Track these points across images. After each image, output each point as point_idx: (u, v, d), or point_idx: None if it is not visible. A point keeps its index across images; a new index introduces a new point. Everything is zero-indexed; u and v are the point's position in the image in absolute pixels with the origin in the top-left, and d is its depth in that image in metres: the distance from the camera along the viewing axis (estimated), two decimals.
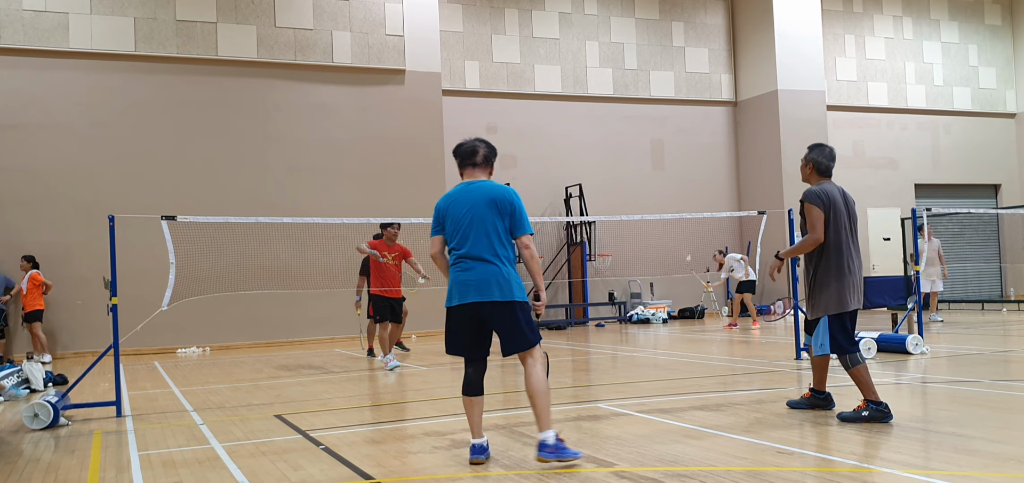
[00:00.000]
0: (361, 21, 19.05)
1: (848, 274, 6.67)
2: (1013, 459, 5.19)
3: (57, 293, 16.21)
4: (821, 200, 6.72)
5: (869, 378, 6.51)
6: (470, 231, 5.45)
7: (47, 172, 16.77)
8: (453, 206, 5.56)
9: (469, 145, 5.71)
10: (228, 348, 17.34)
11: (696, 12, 23.76)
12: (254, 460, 6.03)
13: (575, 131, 22.23)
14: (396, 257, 12.26)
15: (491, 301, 5.38)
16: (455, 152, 5.75)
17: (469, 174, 5.69)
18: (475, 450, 5.55)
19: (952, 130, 26.22)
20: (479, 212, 5.46)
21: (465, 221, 5.48)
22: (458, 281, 5.46)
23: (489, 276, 5.39)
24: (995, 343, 13.06)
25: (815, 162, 7.04)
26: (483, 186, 5.55)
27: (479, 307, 5.41)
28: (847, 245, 6.73)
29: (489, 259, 5.41)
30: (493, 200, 5.47)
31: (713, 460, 5.44)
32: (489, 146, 5.75)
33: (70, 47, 16.98)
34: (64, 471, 6.04)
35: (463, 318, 5.48)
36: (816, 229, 6.64)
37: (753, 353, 12.77)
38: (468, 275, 5.43)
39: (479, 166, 5.68)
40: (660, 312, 21.03)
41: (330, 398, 9.30)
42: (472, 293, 5.40)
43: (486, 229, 5.44)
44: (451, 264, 5.58)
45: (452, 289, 5.50)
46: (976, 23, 26.71)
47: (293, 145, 18.48)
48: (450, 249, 5.60)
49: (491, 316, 5.42)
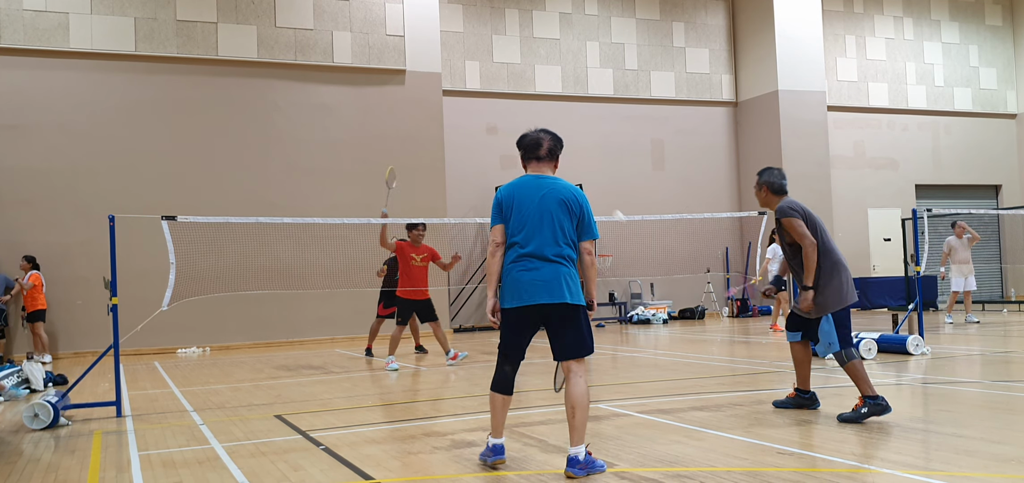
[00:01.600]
0: (361, 21, 19.05)
1: (842, 270, 6.86)
2: (1013, 459, 5.19)
3: (57, 293, 16.21)
4: (795, 210, 6.97)
5: (865, 372, 6.58)
6: (538, 228, 5.18)
7: (47, 172, 16.77)
8: (520, 198, 5.26)
9: (533, 137, 5.42)
10: (228, 348, 17.34)
11: (696, 12, 23.76)
12: (254, 460, 6.03)
13: (575, 131, 22.17)
14: (424, 258, 12.15)
15: (562, 303, 5.13)
16: (519, 143, 5.50)
17: (534, 167, 5.41)
18: (497, 450, 5.35)
19: (953, 131, 26.21)
20: (549, 209, 5.20)
21: (534, 217, 5.20)
22: (522, 280, 5.17)
23: (559, 276, 5.15)
24: (995, 343, 13.06)
25: (768, 184, 7.24)
26: (554, 182, 5.30)
27: (546, 308, 5.16)
28: (831, 247, 6.94)
29: (559, 260, 5.17)
30: (564, 200, 5.24)
31: (713, 460, 5.44)
32: (555, 137, 5.46)
33: (70, 47, 16.98)
34: (64, 471, 6.04)
35: (524, 318, 5.23)
36: (807, 236, 6.81)
37: (754, 354, 12.77)
38: (535, 275, 5.15)
39: (544, 160, 5.41)
40: (660, 313, 21.03)
41: (330, 398, 9.29)
42: (542, 294, 5.13)
43: (555, 228, 5.18)
44: (511, 261, 5.25)
45: (514, 289, 5.19)
46: (977, 24, 26.70)
47: (293, 145, 18.47)
48: (511, 244, 5.28)
49: (556, 318, 5.18)
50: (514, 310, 5.24)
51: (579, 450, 5.05)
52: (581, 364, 5.21)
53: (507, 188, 5.39)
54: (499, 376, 5.36)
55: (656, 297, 22.57)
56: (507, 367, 5.35)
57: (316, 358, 14.46)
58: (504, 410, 5.36)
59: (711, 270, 22.56)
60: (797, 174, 22.82)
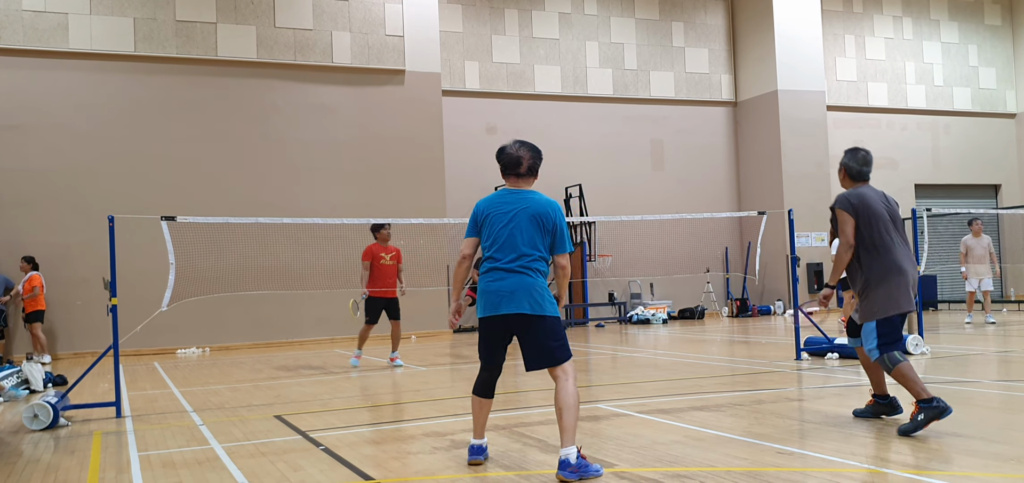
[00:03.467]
0: (361, 21, 19.05)
1: (897, 275, 6.34)
2: (1013, 459, 5.19)
3: (57, 293, 16.20)
4: (850, 205, 6.42)
5: (914, 375, 6.07)
6: (508, 241, 5.32)
7: (47, 172, 16.76)
8: (493, 213, 5.41)
9: (513, 154, 5.47)
10: (228, 348, 17.33)
11: (696, 12, 23.77)
12: (254, 461, 6.02)
13: (575, 131, 22.22)
14: (392, 257, 12.35)
15: (521, 314, 5.26)
16: (498, 157, 5.54)
17: (512, 182, 5.50)
18: (475, 450, 5.55)
19: (952, 130, 26.22)
20: (521, 224, 5.33)
21: (504, 231, 5.33)
22: (489, 291, 5.33)
23: (520, 287, 5.25)
24: (995, 343, 13.06)
25: (846, 167, 6.76)
26: (528, 197, 5.40)
27: (509, 319, 5.29)
28: (892, 246, 6.40)
29: (521, 270, 5.28)
30: (537, 214, 5.34)
31: (713, 461, 5.44)
32: (534, 154, 5.51)
33: (70, 47, 16.98)
34: (64, 472, 6.04)
35: (494, 329, 5.39)
36: (845, 234, 6.37)
37: (753, 354, 12.77)
38: (499, 285, 5.29)
39: (523, 176, 5.49)
40: (660, 313, 21.03)
41: (330, 399, 9.29)
42: (504, 305, 5.27)
43: (524, 242, 5.31)
44: (483, 272, 5.41)
45: (483, 299, 5.35)
46: (976, 23, 26.71)
47: (293, 145, 18.47)
48: (486, 257, 5.44)
49: (520, 329, 5.32)
50: (484, 319, 5.39)
51: (570, 452, 5.04)
52: (562, 370, 5.24)
53: (484, 202, 5.51)
54: (480, 381, 5.54)
55: (656, 297, 22.57)
56: (485, 373, 5.51)
57: (315, 358, 14.46)
58: (484, 412, 5.53)
59: (711, 270, 22.57)
60: (796, 174, 22.86)
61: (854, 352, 10.64)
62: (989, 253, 16.85)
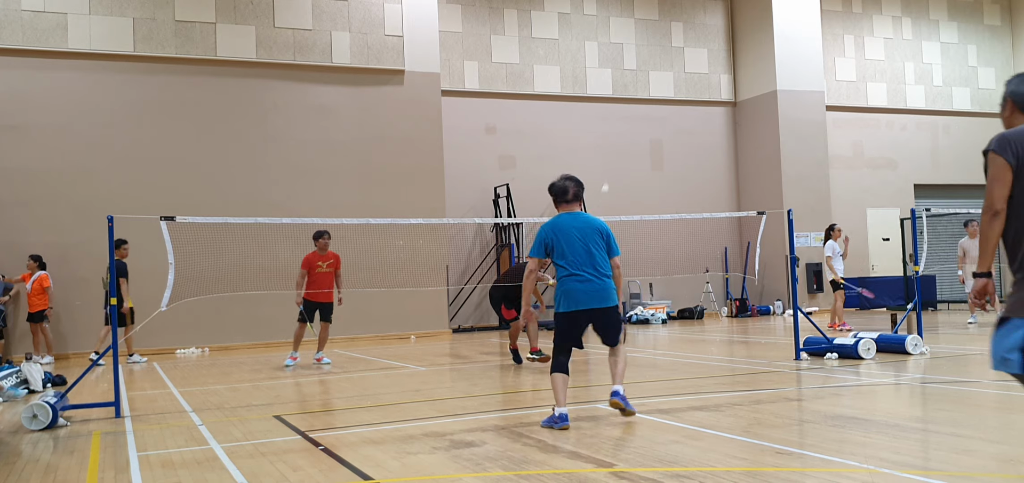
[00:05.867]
0: (360, 21, 19.04)
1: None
2: (1013, 459, 5.19)
3: (56, 293, 16.16)
4: (1010, 146, 4.26)
5: None
6: (585, 253, 6.81)
7: (46, 172, 16.75)
8: (564, 233, 6.86)
9: (561, 185, 7.03)
10: (227, 349, 17.32)
11: (695, 12, 23.77)
12: (253, 461, 6.02)
13: (574, 131, 22.22)
14: (329, 265, 12.96)
15: (607, 307, 6.81)
16: (550, 190, 7.11)
17: (565, 208, 7.03)
18: (563, 418, 6.67)
19: (951, 130, 26.22)
20: (591, 237, 6.86)
21: (580, 245, 6.82)
22: (576, 291, 6.77)
23: (606, 288, 6.84)
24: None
25: (1013, 95, 4.54)
26: (588, 217, 6.99)
27: (595, 311, 6.81)
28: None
29: (602, 275, 6.83)
30: (598, 229, 6.93)
31: (712, 460, 5.44)
32: (578, 184, 7.08)
33: (69, 47, 16.96)
34: (63, 471, 6.04)
35: (579, 320, 6.82)
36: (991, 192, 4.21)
37: (753, 354, 12.77)
38: (586, 287, 6.77)
39: (572, 202, 7.04)
40: (659, 312, 21.03)
41: (329, 399, 9.29)
42: (594, 301, 6.77)
43: (597, 252, 6.84)
44: (565, 276, 6.81)
45: (570, 296, 6.78)
46: (975, 23, 26.72)
47: (292, 145, 18.46)
48: (561, 265, 6.84)
49: (602, 317, 6.87)
50: (569, 313, 6.82)
51: (620, 387, 6.89)
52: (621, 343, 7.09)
53: (549, 227, 6.94)
54: (556, 363, 6.84)
55: (655, 297, 22.57)
56: (562, 357, 6.85)
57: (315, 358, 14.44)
58: (565, 387, 6.81)
59: (710, 270, 22.57)
60: (796, 174, 22.86)
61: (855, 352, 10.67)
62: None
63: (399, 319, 18.49)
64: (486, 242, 21.37)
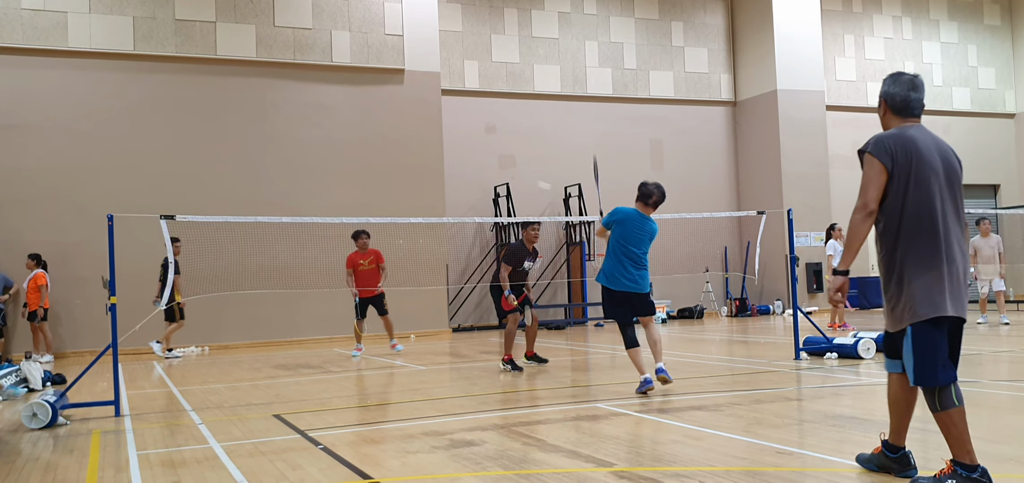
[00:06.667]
0: (360, 21, 19.04)
1: (943, 264, 4.39)
2: (1012, 459, 5.19)
3: (57, 293, 16.18)
4: (885, 150, 4.40)
5: (962, 430, 4.44)
6: (642, 246, 8.66)
7: (46, 172, 16.74)
8: (631, 222, 8.67)
9: (650, 189, 8.76)
10: (227, 348, 17.32)
11: (695, 12, 23.77)
12: (253, 460, 6.02)
13: (574, 131, 22.22)
14: (370, 262, 13.96)
15: (644, 292, 8.71)
16: (640, 187, 8.84)
17: (642, 208, 8.74)
18: (647, 381, 8.32)
19: (951, 130, 26.18)
20: (647, 236, 8.71)
21: (638, 239, 8.64)
22: (628, 275, 8.62)
23: (646, 277, 8.77)
24: (995, 343, 13.06)
25: (887, 96, 4.62)
26: (651, 223, 8.75)
27: (636, 294, 8.65)
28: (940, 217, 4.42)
29: (646, 266, 8.75)
30: (654, 234, 8.78)
31: (712, 460, 5.44)
32: (662, 195, 8.78)
33: (69, 46, 16.96)
34: (62, 470, 6.03)
35: (625, 300, 8.63)
36: (866, 193, 4.42)
37: (752, 353, 12.77)
38: (636, 273, 8.64)
39: (650, 206, 8.76)
40: (659, 312, 21.03)
41: (329, 398, 9.29)
42: (636, 285, 8.64)
43: (646, 248, 8.72)
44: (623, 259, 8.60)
45: (621, 277, 8.60)
46: (975, 23, 26.72)
47: (292, 145, 18.46)
48: (622, 244, 8.59)
49: (637, 299, 8.67)
50: (621, 293, 8.63)
51: (662, 363, 8.55)
52: (653, 317, 8.83)
53: (623, 212, 8.76)
54: (629, 338, 8.66)
55: (655, 296, 22.57)
56: (629, 330, 8.66)
57: (315, 357, 14.46)
58: (642, 356, 8.61)
59: (710, 270, 22.57)
60: (796, 174, 22.86)
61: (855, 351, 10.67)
62: (998, 253, 16.62)
63: (399, 318, 18.41)
64: (486, 241, 21.37)
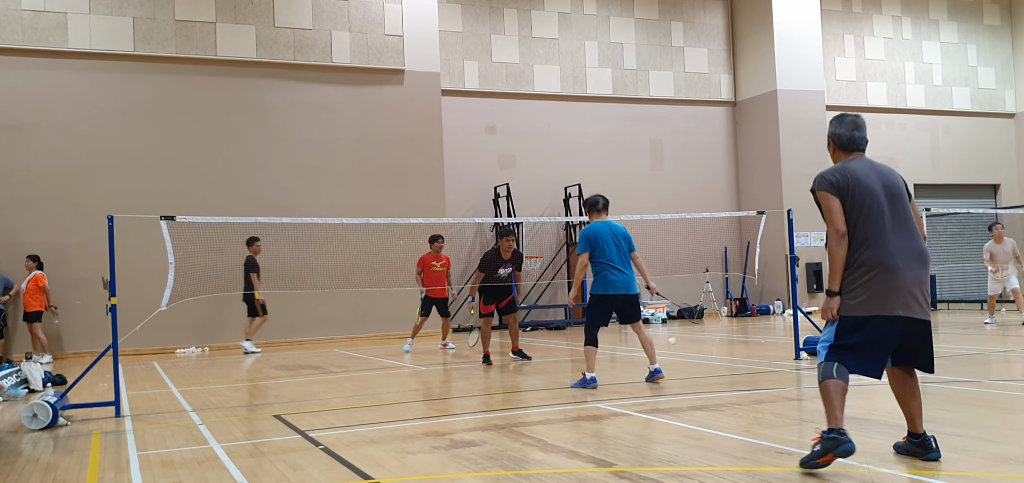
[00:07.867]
0: (360, 21, 19.04)
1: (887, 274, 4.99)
2: (1012, 459, 5.19)
3: (56, 293, 16.18)
4: (832, 184, 5.13)
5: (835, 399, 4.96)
6: (617, 253, 9.05)
7: (46, 172, 16.75)
8: (602, 237, 9.07)
9: (592, 200, 9.39)
10: (227, 348, 17.33)
11: (695, 12, 23.77)
12: (253, 460, 6.02)
13: (574, 131, 22.23)
14: (443, 265, 14.80)
15: (630, 294, 9.10)
16: (586, 202, 9.41)
17: (597, 217, 9.30)
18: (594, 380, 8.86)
19: (951, 130, 26.23)
20: (620, 242, 9.11)
21: (613, 247, 9.05)
22: (611, 280, 9.02)
23: (630, 280, 9.14)
24: (995, 343, 13.06)
25: (834, 136, 5.40)
26: (615, 226, 9.23)
27: (623, 297, 9.07)
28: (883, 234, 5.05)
29: (627, 270, 9.13)
30: (623, 234, 9.19)
31: (712, 460, 5.44)
32: (606, 199, 9.42)
33: (69, 47, 16.97)
34: (63, 471, 6.04)
35: (612, 302, 9.07)
36: (833, 219, 5.08)
37: (753, 353, 12.78)
38: (620, 278, 9.05)
39: (601, 211, 9.36)
40: (659, 312, 21.03)
41: (329, 398, 9.29)
42: (623, 289, 9.04)
43: (626, 252, 9.14)
44: (604, 269, 9.01)
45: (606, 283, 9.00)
46: (975, 23, 26.72)
47: (292, 145, 18.46)
48: (601, 261, 9.02)
49: (626, 302, 9.11)
50: (604, 296, 9.04)
51: (656, 364, 9.20)
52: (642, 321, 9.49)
53: (591, 232, 9.11)
54: (591, 337, 9.02)
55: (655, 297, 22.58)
56: (595, 331, 9.08)
57: (315, 358, 14.46)
58: (595, 356, 9.01)
59: (710, 270, 22.57)
60: (795, 174, 22.85)
61: None
62: (1014, 255, 16.62)
63: (399, 319, 18.47)
64: (486, 242, 21.36)
